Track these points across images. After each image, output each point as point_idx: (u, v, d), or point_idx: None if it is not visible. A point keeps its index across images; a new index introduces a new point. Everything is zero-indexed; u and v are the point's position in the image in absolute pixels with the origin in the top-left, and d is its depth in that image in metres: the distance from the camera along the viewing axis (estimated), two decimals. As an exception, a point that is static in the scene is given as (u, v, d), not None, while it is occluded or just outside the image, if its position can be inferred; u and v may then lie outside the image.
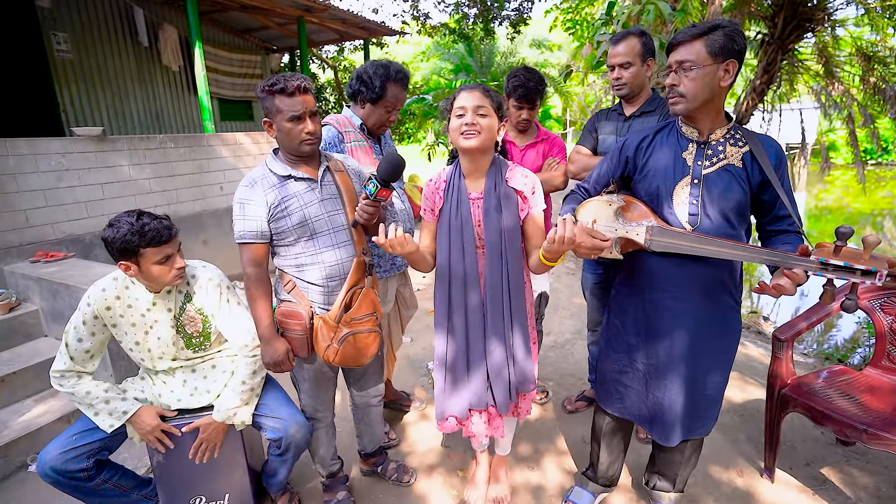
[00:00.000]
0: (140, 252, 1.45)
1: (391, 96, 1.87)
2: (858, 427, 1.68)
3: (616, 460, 1.86)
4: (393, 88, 1.86)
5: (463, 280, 1.55)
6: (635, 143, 1.55)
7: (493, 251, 1.52)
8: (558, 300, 4.27)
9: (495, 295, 1.54)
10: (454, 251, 1.54)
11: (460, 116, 1.47)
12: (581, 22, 7.81)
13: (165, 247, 1.48)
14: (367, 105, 1.90)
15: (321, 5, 5.94)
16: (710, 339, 1.48)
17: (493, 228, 1.51)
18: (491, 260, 1.53)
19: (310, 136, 1.52)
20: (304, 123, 1.50)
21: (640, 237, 1.42)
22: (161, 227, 1.47)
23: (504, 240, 1.52)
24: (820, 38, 6.60)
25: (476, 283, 1.55)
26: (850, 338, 4.81)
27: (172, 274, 1.53)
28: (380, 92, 1.85)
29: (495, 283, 1.53)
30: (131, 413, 1.57)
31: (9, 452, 2.17)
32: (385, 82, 1.84)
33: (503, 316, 1.55)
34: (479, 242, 1.55)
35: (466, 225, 1.53)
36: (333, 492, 1.94)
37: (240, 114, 7.76)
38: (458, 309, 1.57)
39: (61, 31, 5.27)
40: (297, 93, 1.47)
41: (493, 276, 1.53)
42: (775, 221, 1.42)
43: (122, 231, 1.43)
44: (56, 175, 3.39)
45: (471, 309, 1.56)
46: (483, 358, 1.58)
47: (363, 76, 1.86)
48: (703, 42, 1.30)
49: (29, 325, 2.85)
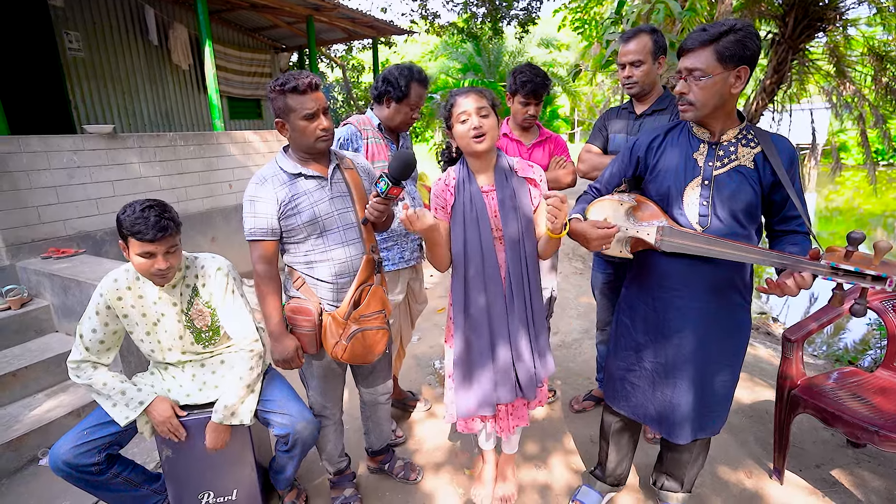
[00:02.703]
0: (128, 239, 1.48)
1: (414, 95, 1.97)
2: (870, 429, 1.66)
3: (624, 460, 1.85)
4: (416, 88, 1.96)
5: (482, 272, 1.56)
6: (646, 143, 1.54)
7: (512, 241, 1.55)
8: (566, 300, 4.26)
9: (517, 284, 1.56)
10: (471, 244, 1.56)
11: (464, 122, 1.48)
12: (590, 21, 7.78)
13: (148, 244, 1.47)
14: (392, 104, 1.98)
15: (330, 4, 5.96)
16: (719, 338, 1.47)
17: (511, 218, 1.54)
18: (512, 249, 1.55)
19: (325, 132, 1.53)
20: (318, 120, 1.51)
21: (650, 237, 1.42)
22: (148, 226, 1.44)
23: (521, 229, 1.55)
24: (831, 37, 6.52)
25: (496, 275, 1.56)
26: (860, 339, 4.76)
27: (151, 271, 1.51)
28: (405, 90, 1.94)
29: (516, 273, 1.56)
30: (147, 403, 1.59)
31: (20, 446, 2.20)
32: (409, 82, 1.94)
33: (526, 306, 1.58)
34: (496, 233, 1.57)
35: (482, 216, 1.54)
36: (340, 489, 1.95)
37: (249, 112, 7.81)
38: (476, 301, 1.59)
39: (73, 30, 5.33)
40: (309, 90, 1.48)
41: (514, 265, 1.55)
42: (784, 222, 1.41)
43: (125, 213, 1.47)
44: (67, 172, 3.43)
45: (492, 300, 1.57)
46: (508, 348, 1.59)
47: (389, 77, 1.96)
48: (713, 49, 1.27)
49: (40, 321, 2.88)
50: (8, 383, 2.44)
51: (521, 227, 1.55)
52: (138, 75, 6.06)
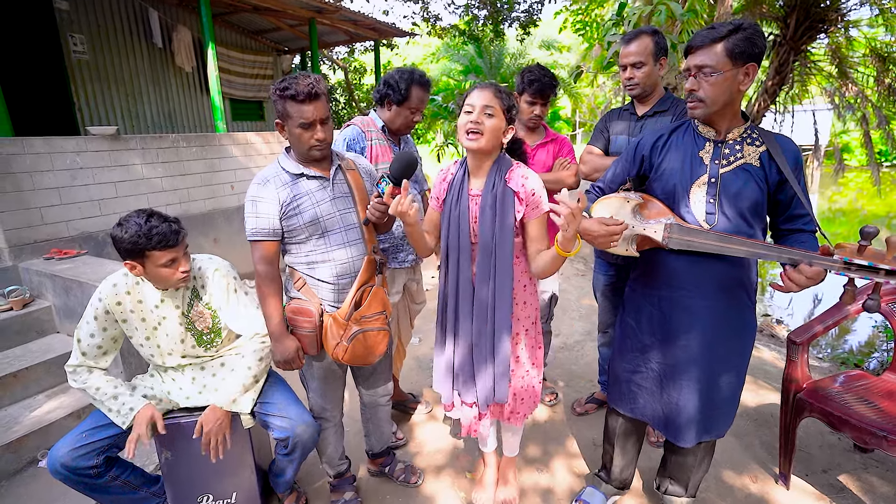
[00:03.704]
0: (146, 254, 1.46)
1: (415, 98, 1.98)
2: (878, 433, 1.64)
3: (630, 463, 1.83)
4: (416, 91, 1.97)
5: (456, 273, 1.57)
6: (651, 143, 1.53)
7: (484, 250, 1.52)
8: (568, 301, 4.24)
9: (482, 292, 1.54)
10: (451, 243, 1.58)
11: (468, 113, 1.47)
12: (591, 23, 7.76)
13: (171, 250, 1.48)
14: (393, 107, 2.00)
15: (333, 7, 5.98)
16: (726, 337, 1.46)
17: (487, 227, 1.50)
18: (481, 259, 1.53)
19: (319, 143, 1.51)
20: (313, 130, 1.49)
21: (657, 234, 1.41)
22: (168, 231, 1.47)
23: (495, 240, 1.49)
24: (833, 38, 6.50)
25: (469, 278, 1.56)
26: (866, 342, 4.72)
27: (177, 277, 1.53)
28: (405, 93, 1.95)
29: (482, 282, 1.54)
30: (137, 410, 1.56)
31: (20, 448, 2.20)
32: (410, 85, 1.95)
33: (486, 317, 1.54)
34: (473, 238, 1.56)
35: (463, 219, 1.54)
36: (340, 492, 1.94)
37: (251, 114, 7.83)
38: (449, 298, 1.62)
39: (78, 33, 5.35)
40: (308, 100, 1.45)
41: (482, 274, 1.53)
42: (791, 220, 1.40)
43: (129, 231, 1.44)
44: (70, 173, 3.43)
45: (461, 301, 1.58)
46: (470, 351, 1.59)
47: (390, 81, 1.97)
48: (723, 46, 1.27)
49: (42, 322, 2.88)
50: (9, 384, 2.44)
51: (496, 238, 1.49)
52: (142, 77, 6.08)
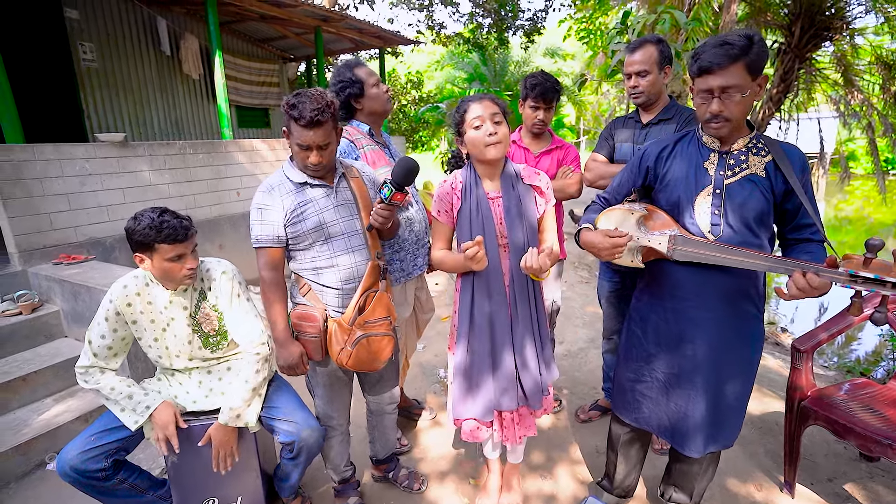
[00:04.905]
0: (155, 247, 1.50)
1: (366, 74, 1.97)
2: (884, 442, 1.64)
3: (633, 471, 1.83)
4: (361, 71, 1.96)
5: (486, 279, 1.57)
6: (656, 153, 1.54)
7: (517, 248, 1.55)
8: (571, 309, 4.24)
9: (521, 292, 1.57)
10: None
11: (478, 128, 1.49)
12: (595, 31, 7.81)
13: (179, 245, 1.52)
14: (359, 101, 1.98)
15: (338, 15, 6.05)
16: (732, 348, 1.46)
17: (517, 226, 1.55)
18: (516, 257, 1.54)
19: (315, 166, 1.53)
20: (310, 153, 1.51)
21: (662, 246, 1.41)
22: (178, 227, 1.52)
23: (526, 236, 1.56)
24: (838, 46, 6.51)
25: (500, 281, 1.57)
26: (872, 351, 4.69)
27: (183, 273, 1.56)
28: (356, 78, 1.94)
29: (520, 280, 1.57)
30: (154, 407, 1.58)
31: (29, 450, 2.22)
32: (354, 70, 1.95)
33: (531, 313, 1.59)
34: (500, 240, 1.57)
35: (488, 222, 1.55)
36: (345, 497, 1.94)
37: (257, 121, 7.90)
38: (481, 308, 1.59)
39: (88, 42, 5.43)
40: (310, 127, 1.46)
41: (518, 273, 1.55)
42: (798, 230, 1.39)
43: (142, 224, 1.49)
44: (79, 180, 3.48)
45: (496, 308, 1.57)
46: (511, 355, 1.59)
47: (336, 86, 1.96)
48: (744, 63, 1.24)
49: (50, 326, 2.91)
50: (18, 387, 2.47)
51: (526, 235, 1.56)
52: (150, 85, 6.16)
